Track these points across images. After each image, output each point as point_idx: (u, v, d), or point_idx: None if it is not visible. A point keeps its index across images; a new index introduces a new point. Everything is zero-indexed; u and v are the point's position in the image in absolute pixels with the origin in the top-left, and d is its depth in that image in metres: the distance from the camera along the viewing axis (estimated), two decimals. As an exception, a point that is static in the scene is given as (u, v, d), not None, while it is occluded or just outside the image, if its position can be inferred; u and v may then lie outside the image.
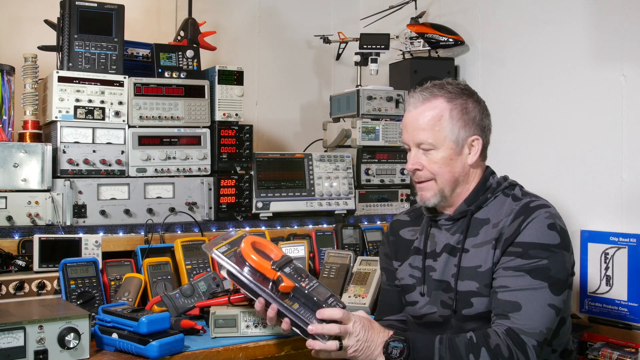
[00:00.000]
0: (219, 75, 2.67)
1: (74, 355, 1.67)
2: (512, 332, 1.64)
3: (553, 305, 1.67)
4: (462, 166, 1.85)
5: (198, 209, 2.59)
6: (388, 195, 3.07)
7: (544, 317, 1.66)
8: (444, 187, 1.85)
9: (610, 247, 2.54)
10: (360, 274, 2.40)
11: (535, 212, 1.75)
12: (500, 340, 1.63)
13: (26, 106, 2.49)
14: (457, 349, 1.64)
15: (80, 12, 2.46)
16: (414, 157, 1.87)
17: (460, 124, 1.83)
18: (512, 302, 1.67)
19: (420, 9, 3.37)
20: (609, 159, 2.61)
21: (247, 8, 3.61)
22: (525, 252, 1.70)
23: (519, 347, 1.62)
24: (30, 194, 2.28)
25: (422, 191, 1.88)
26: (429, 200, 1.87)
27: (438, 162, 1.83)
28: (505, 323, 1.66)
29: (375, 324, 1.73)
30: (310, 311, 1.71)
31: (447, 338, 1.67)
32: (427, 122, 1.83)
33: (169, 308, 2.00)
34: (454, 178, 1.85)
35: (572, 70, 2.77)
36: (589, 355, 2.43)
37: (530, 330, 1.64)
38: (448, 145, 1.82)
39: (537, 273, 1.68)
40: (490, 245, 1.78)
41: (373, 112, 3.06)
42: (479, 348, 1.62)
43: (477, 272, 1.78)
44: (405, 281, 1.98)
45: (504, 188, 1.87)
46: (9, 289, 2.01)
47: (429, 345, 1.66)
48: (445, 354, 1.64)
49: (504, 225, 1.77)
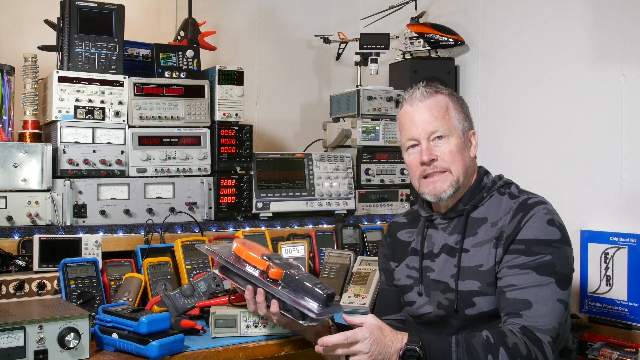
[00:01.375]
0: (219, 75, 2.67)
1: (74, 355, 1.67)
2: (527, 330, 1.63)
3: (561, 300, 1.67)
4: (470, 158, 1.89)
5: (198, 209, 2.59)
6: (388, 195, 3.07)
7: (555, 312, 1.66)
8: (459, 177, 1.84)
9: (610, 247, 2.54)
10: (360, 274, 2.40)
11: (534, 208, 1.75)
12: (517, 339, 1.62)
13: (26, 106, 2.49)
14: (475, 351, 1.63)
15: (80, 12, 2.46)
16: (427, 148, 1.84)
17: (462, 116, 1.88)
18: (522, 300, 1.67)
19: (420, 9, 3.37)
20: (609, 159, 2.61)
21: (247, 8, 3.61)
22: (528, 249, 1.71)
23: (536, 344, 1.62)
24: (30, 194, 2.28)
25: (437, 183, 1.85)
26: (445, 192, 1.84)
27: (452, 151, 1.84)
28: (519, 321, 1.65)
29: (387, 330, 1.69)
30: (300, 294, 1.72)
31: (463, 339, 1.66)
32: (438, 112, 1.85)
33: (169, 308, 2.00)
34: (465, 167, 1.86)
35: (572, 70, 2.77)
36: (589, 355, 2.43)
37: (544, 327, 1.64)
38: (457, 135, 1.86)
39: (543, 269, 1.68)
40: (491, 244, 1.78)
41: (373, 112, 3.06)
42: (497, 348, 1.62)
43: (479, 272, 1.78)
44: (402, 282, 1.98)
45: (499, 187, 1.88)
46: (9, 289, 2.01)
47: (445, 349, 1.65)
48: (463, 357, 1.63)
49: (504, 224, 1.78)
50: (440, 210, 1.93)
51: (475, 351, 1.63)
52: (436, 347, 1.65)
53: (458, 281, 1.81)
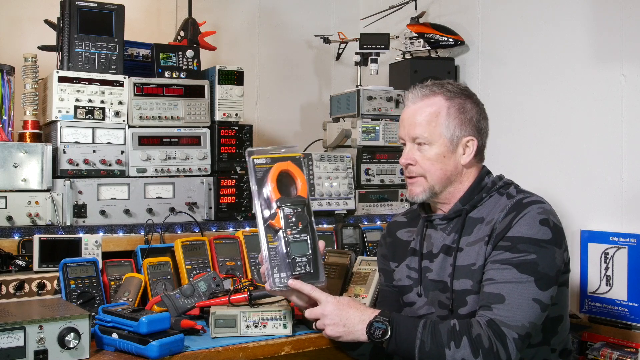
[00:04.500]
0: (219, 75, 2.67)
1: (74, 355, 1.67)
2: (493, 324, 1.64)
3: (538, 300, 1.66)
4: (454, 165, 1.86)
5: (198, 209, 2.59)
6: (388, 195, 3.07)
7: (527, 311, 1.65)
8: (434, 185, 1.86)
9: (610, 247, 2.54)
10: (360, 274, 2.39)
11: (528, 207, 1.75)
12: (482, 330, 1.63)
13: (26, 106, 2.49)
14: (439, 335, 1.65)
15: (80, 12, 2.46)
16: (408, 152, 1.89)
17: (456, 122, 1.84)
18: (496, 294, 1.67)
19: (420, 9, 3.37)
20: (609, 159, 2.61)
21: (247, 8, 3.61)
22: (514, 246, 1.71)
23: (499, 338, 1.62)
24: (30, 194, 2.28)
25: (412, 186, 1.90)
26: (417, 195, 1.89)
27: (431, 159, 1.84)
28: (487, 314, 1.66)
29: (358, 304, 1.77)
30: (282, 258, 1.76)
31: (430, 323, 1.68)
32: (424, 118, 1.85)
33: (169, 308, 2.00)
34: (445, 176, 1.86)
35: (572, 70, 2.77)
36: (589, 355, 2.43)
37: (511, 322, 1.63)
38: (442, 142, 1.84)
39: (524, 267, 1.68)
40: (482, 242, 1.79)
41: (373, 112, 3.06)
42: (461, 336, 1.63)
43: (471, 270, 1.79)
44: (402, 282, 1.99)
45: (499, 187, 1.88)
46: (9, 289, 2.01)
47: (412, 328, 1.68)
48: (427, 339, 1.65)
49: (497, 221, 1.78)
50: (437, 210, 1.94)
51: (440, 336, 1.65)
52: (404, 325, 1.69)
53: (453, 280, 1.81)
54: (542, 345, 1.80)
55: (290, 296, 1.82)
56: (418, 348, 1.65)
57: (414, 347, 1.66)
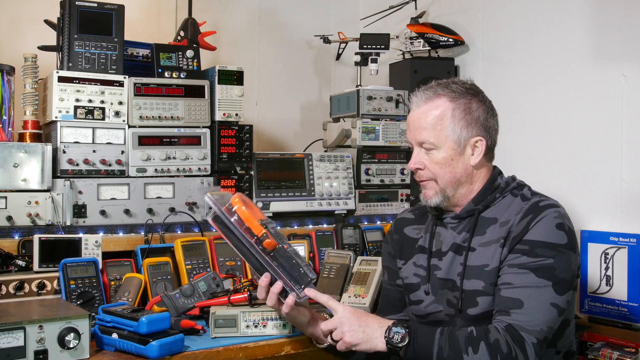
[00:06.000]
0: (219, 75, 2.67)
1: (74, 355, 1.67)
2: (511, 329, 1.63)
3: (556, 305, 1.66)
4: (464, 167, 1.84)
5: (198, 209, 2.59)
6: (388, 195, 3.07)
7: (546, 316, 1.65)
8: (446, 187, 1.85)
9: (610, 247, 2.54)
10: (360, 274, 2.39)
11: (545, 211, 1.74)
12: (499, 335, 1.62)
13: (26, 106, 2.49)
14: (457, 341, 1.64)
15: (80, 12, 2.46)
16: (416, 156, 1.88)
17: (462, 124, 1.82)
18: (514, 299, 1.67)
19: (420, 9, 3.37)
20: (609, 159, 2.61)
21: (247, 8, 3.61)
22: (531, 250, 1.70)
23: (518, 343, 1.61)
24: (30, 194, 2.28)
25: (425, 189, 1.90)
26: (431, 198, 1.87)
27: (439, 162, 1.83)
28: (506, 319, 1.66)
29: (371, 315, 1.77)
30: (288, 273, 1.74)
31: (448, 330, 1.68)
32: (428, 122, 1.83)
33: (169, 308, 2.00)
34: (455, 179, 1.84)
35: (572, 70, 2.77)
36: (589, 355, 2.43)
37: (530, 327, 1.63)
38: (449, 146, 1.82)
39: (542, 272, 1.67)
40: (498, 243, 1.77)
41: (373, 112, 3.06)
42: (479, 342, 1.62)
43: (484, 271, 1.77)
44: (409, 280, 1.97)
45: (512, 188, 1.87)
46: (9, 289, 2.01)
47: (429, 335, 1.68)
48: (445, 345, 1.64)
49: (513, 224, 1.76)
50: (450, 210, 1.92)
51: (457, 341, 1.64)
52: (422, 331, 1.69)
53: (463, 280, 1.80)
54: (548, 348, 1.79)
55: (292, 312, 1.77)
56: (436, 354, 1.65)
57: (431, 354, 1.65)
